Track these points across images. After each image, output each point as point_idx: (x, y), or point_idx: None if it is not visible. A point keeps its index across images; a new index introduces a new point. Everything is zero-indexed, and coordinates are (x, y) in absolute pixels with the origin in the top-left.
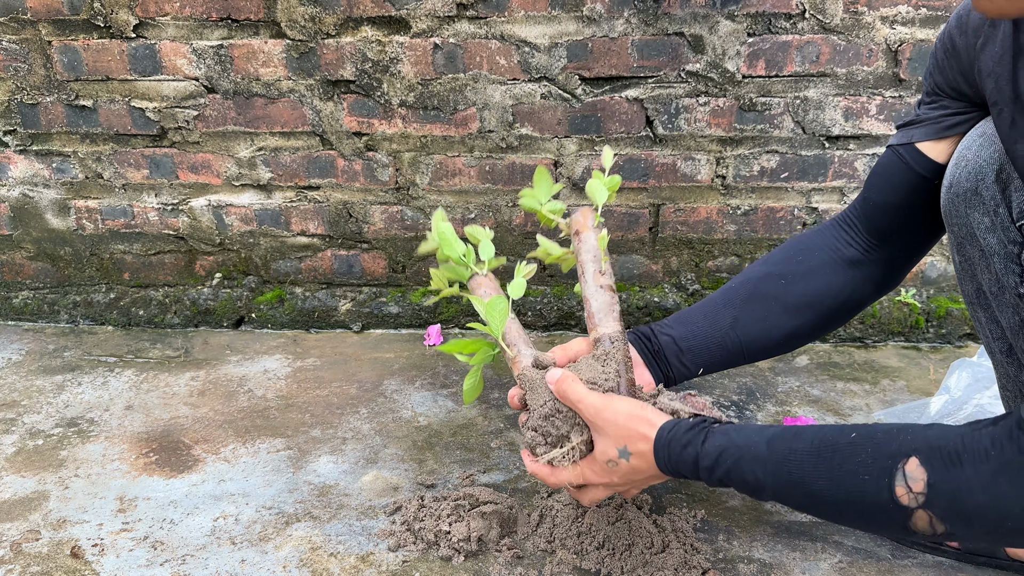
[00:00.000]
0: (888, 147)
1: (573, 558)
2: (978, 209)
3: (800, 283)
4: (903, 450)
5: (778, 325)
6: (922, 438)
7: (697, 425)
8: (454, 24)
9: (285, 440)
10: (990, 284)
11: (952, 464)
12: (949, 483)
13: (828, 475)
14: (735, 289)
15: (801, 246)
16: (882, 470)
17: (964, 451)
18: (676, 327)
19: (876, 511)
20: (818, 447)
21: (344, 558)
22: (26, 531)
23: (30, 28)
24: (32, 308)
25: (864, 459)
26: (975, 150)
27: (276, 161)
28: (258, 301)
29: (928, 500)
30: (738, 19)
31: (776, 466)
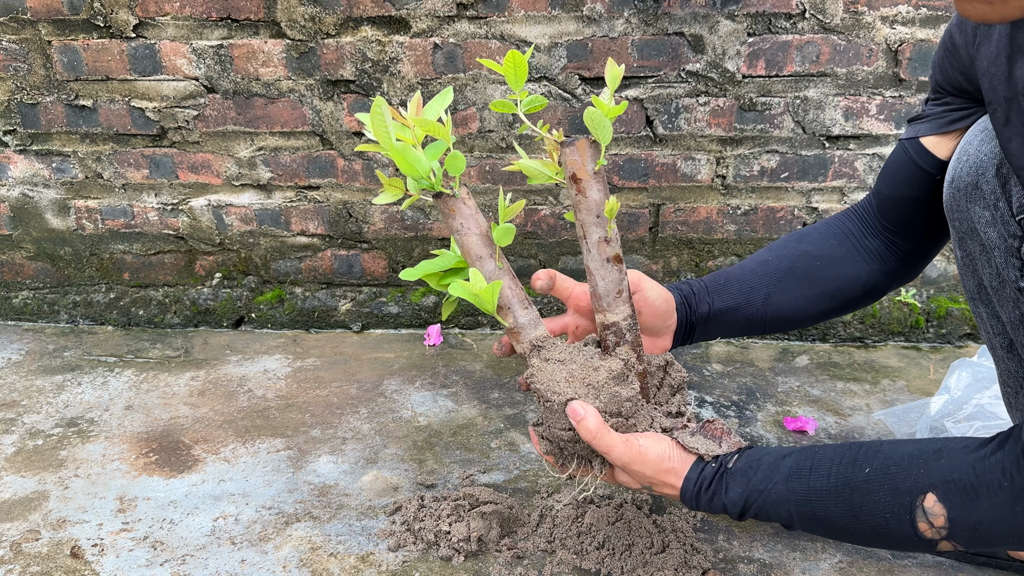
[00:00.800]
0: (899, 141)
1: (573, 558)
2: (979, 203)
3: (835, 268)
4: (919, 486)
5: (807, 307)
6: (936, 472)
7: (718, 473)
8: (454, 24)
9: (285, 440)
10: (991, 279)
11: (969, 498)
12: (969, 517)
13: (850, 513)
14: (773, 263)
15: (835, 230)
16: (902, 507)
17: (978, 483)
18: (715, 298)
19: (902, 542)
20: (836, 486)
21: (344, 558)
22: (26, 531)
23: (30, 28)
24: (32, 308)
25: (882, 497)
26: (976, 145)
27: (276, 161)
28: (258, 301)
29: (951, 533)
30: (738, 19)
31: (799, 507)
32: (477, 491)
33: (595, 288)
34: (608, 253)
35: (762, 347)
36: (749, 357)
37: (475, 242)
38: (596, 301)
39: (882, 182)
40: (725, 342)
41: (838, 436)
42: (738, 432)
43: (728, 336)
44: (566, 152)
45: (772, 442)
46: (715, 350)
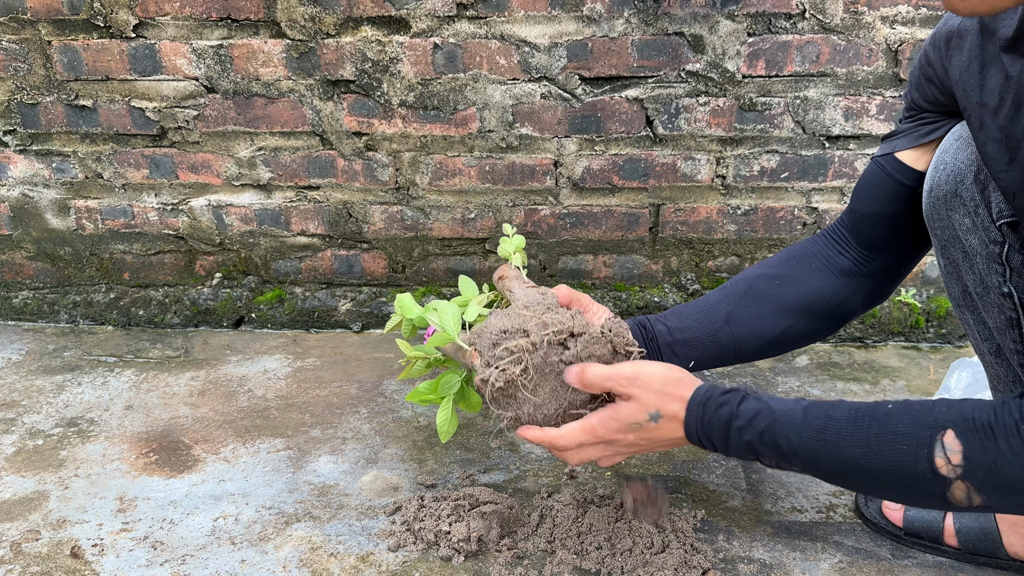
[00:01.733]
0: (872, 159)
1: (573, 558)
2: (959, 211)
3: (794, 285)
4: (940, 422)
5: (771, 324)
6: (957, 411)
7: (733, 390)
8: (454, 24)
9: (285, 440)
10: (975, 285)
11: (987, 437)
12: (985, 456)
13: (865, 442)
14: (730, 287)
15: (796, 252)
16: (921, 440)
17: (996, 424)
18: (671, 318)
19: (914, 481)
20: (855, 415)
21: (344, 558)
22: (26, 531)
23: (30, 28)
24: (32, 308)
25: (902, 429)
26: (952, 153)
27: (276, 161)
28: (258, 301)
29: (966, 471)
30: (738, 19)
31: (812, 431)
32: (477, 491)
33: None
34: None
35: None
36: None
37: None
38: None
39: (857, 201)
40: None
41: None
42: None
43: (706, 363)
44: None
45: None
46: None
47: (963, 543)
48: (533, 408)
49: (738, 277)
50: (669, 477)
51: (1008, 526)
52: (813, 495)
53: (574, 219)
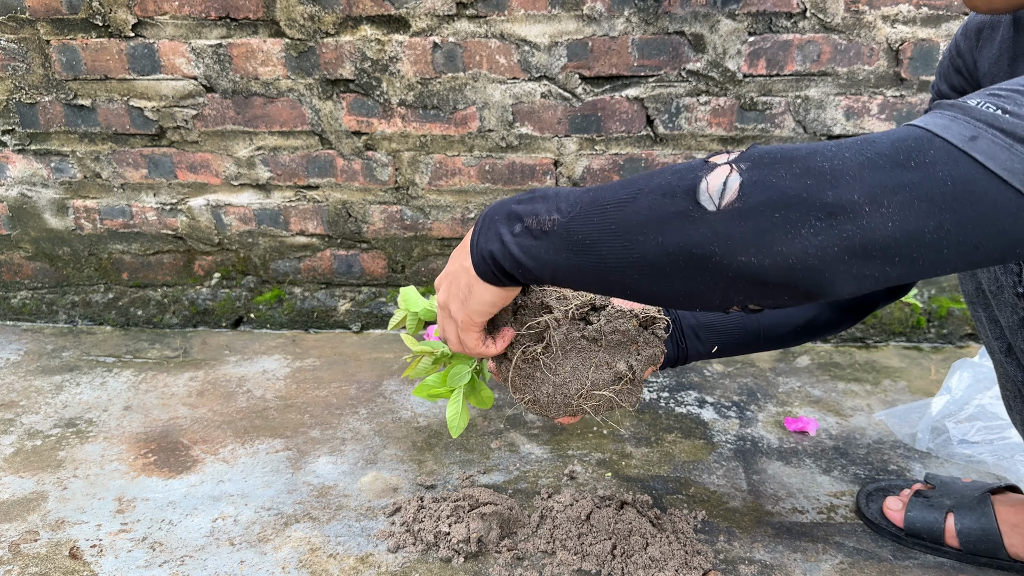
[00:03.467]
0: None
1: (573, 559)
2: None
3: None
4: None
5: (798, 312)
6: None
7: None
8: (454, 23)
9: (284, 441)
10: (989, 283)
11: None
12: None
13: (632, 198)
14: None
15: None
16: (688, 168)
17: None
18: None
19: (671, 203)
20: (615, 184)
21: (343, 559)
22: (24, 532)
23: (29, 27)
24: (30, 308)
25: (667, 171)
26: None
27: (275, 160)
28: (257, 301)
29: (738, 157)
30: (739, 18)
31: (576, 203)
32: (477, 492)
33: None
34: None
35: None
36: (750, 357)
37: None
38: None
39: None
40: None
41: (839, 436)
42: (739, 432)
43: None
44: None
45: (773, 443)
46: None
47: (964, 544)
48: (553, 388)
49: None
50: (669, 478)
51: (1010, 527)
52: (814, 496)
53: None
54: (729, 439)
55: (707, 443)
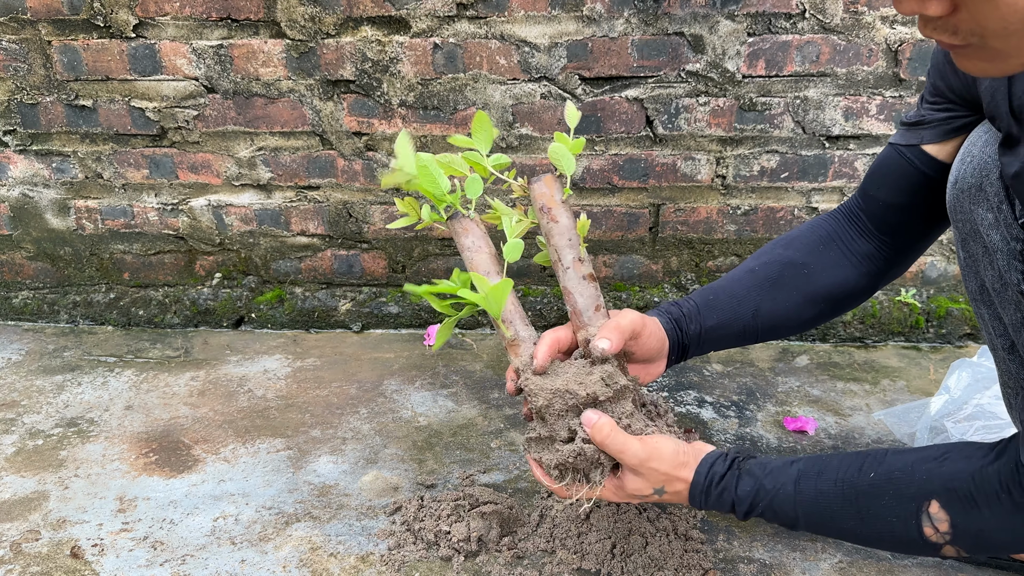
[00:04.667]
0: (891, 145)
1: (573, 558)
2: (982, 205)
3: (822, 276)
4: (923, 492)
5: (795, 314)
6: (938, 479)
7: (730, 471)
8: (454, 24)
9: (285, 440)
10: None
11: (970, 507)
12: (971, 524)
13: (857, 516)
14: (760, 273)
15: (822, 235)
16: (908, 513)
17: (978, 493)
18: (706, 316)
19: (907, 545)
20: (843, 490)
21: (344, 558)
22: (26, 531)
23: (30, 28)
24: (32, 308)
25: (888, 502)
26: (980, 146)
27: (276, 161)
28: (258, 301)
29: (954, 538)
30: (738, 19)
31: (806, 507)
32: (477, 491)
33: (575, 306)
34: (583, 272)
35: (762, 347)
36: (749, 357)
37: (485, 259)
38: (576, 319)
39: (878, 188)
40: None
41: (838, 436)
42: (738, 432)
43: (721, 349)
44: (535, 187)
45: (772, 442)
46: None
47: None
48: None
49: (765, 259)
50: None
51: None
52: None
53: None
54: (728, 439)
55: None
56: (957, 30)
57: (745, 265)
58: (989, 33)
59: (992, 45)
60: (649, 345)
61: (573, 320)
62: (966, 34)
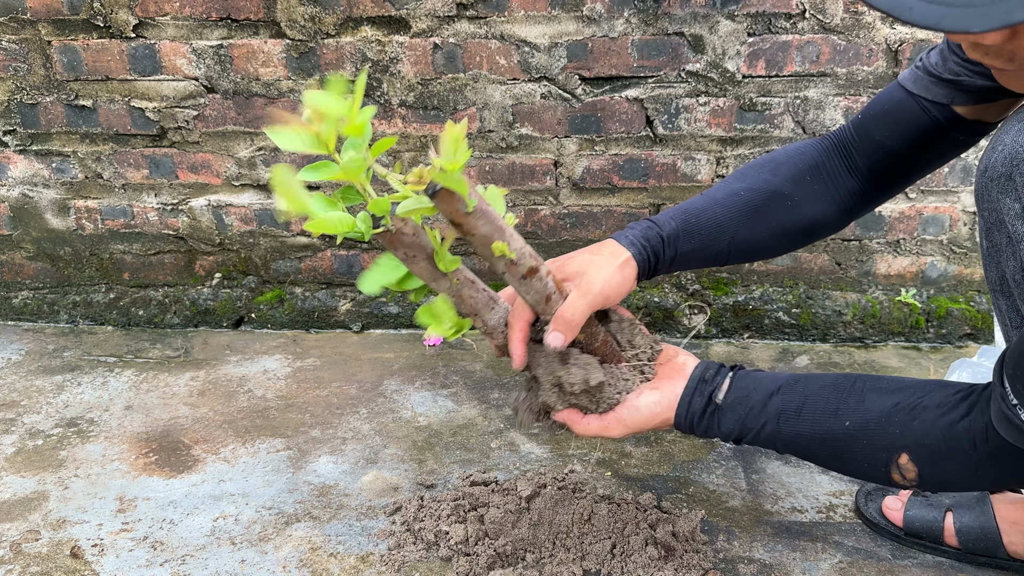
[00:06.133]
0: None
1: (574, 558)
2: (1010, 195)
3: (803, 208)
4: (894, 445)
5: (769, 244)
6: (910, 434)
7: (706, 412)
8: (454, 24)
9: (285, 440)
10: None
11: (937, 460)
12: (937, 475)
13: (833, 457)
14: (744, 198)
15: (811, 163)
16: (879, 461)
17: (946, 449)
18: (683, 240)
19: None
20: (820, 436)
21: (344, 558)
22: (26, 531)
23: (30, 28)
24: (32, 308)
25: (861, 451)
26: (1013, 135)
27: (276, 161)
28: (258, 301)
29: (919, 484)
30: (738, 19)
31: (789, 446)
32: (477, 491)
33: (528, 304)
34: (520, 272)
35: (762, 347)
36: (749, 357)
37: (424, 267)
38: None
39: (884, 132)
40: (724, 343)
41: None
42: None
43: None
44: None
45: None
46: (714, 351)
47: (963, 543)
48: None
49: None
50: (669, 477)
51: (1008, 525)
52: (813, 495)
53: (574, 219)
54: None
55: (706, 442)
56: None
57: (729, 185)
58: None
59: None
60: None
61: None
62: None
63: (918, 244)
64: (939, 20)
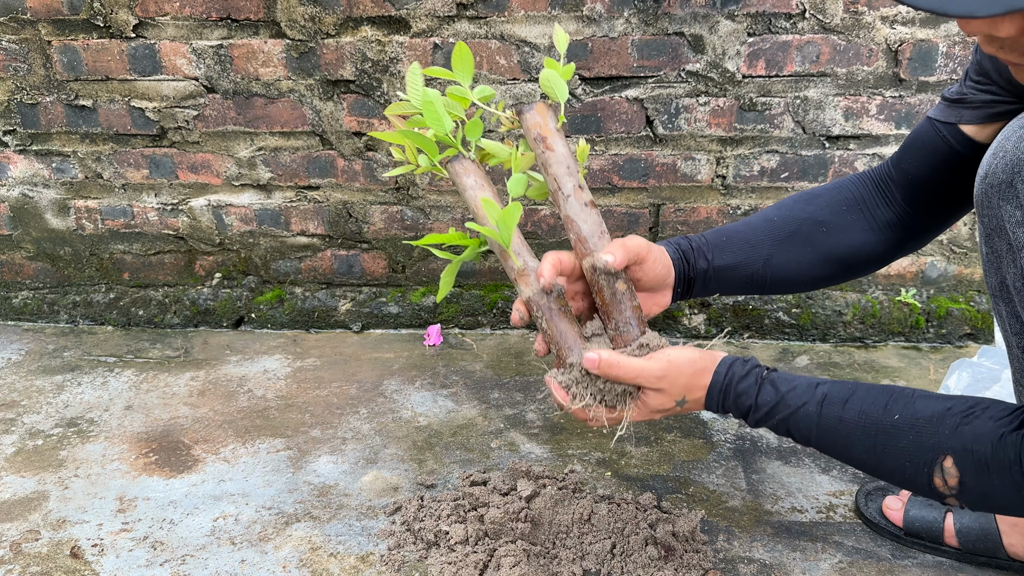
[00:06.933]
0: (928, 119)
1: (574, 558)
2: (1011, 202)
3: (840, 235)
4: (942, 446)
5: (807, 271)
6: (959, 437)
7: (750, 374)
8: (454, 24)
9: (285, 440)
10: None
11: (982, 470)
12: (979, 486)
13: (871, 451)
14: (778, 224)
15: (847, 196)
16: (923, 462)
17: (992, 460)
18: (715, 254)
19: (913, 486)
20: (864, 424)
21: (344, 558)
22: (26, 531)
23: (30, 28)
24: (32, 308)
25: (906, 446)
26: (1014, 142)
27: (276, 161)
28: (258, 301)
29: (960, 493)
30: (738, 19)
31: (824, 431)
32: (477, 491)
33: (579, 233)
34: (584, 199)
35: (762, 347)
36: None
37: (489, 197)
38: (581, 245)
39: (911, 162)
40: (725, 342)
41: None
42: (738, 431)
43: (727, 294)
44: (527, 117)
45: (772, 442)
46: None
47: (963, 543)
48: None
49: (786, 211)
50: (669, 477)
51: (1008, 526)
52: (813, 495)
53: None
54: (728, 438)
55: (706, 442)
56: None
57: (764, 213)
58: None
59: None
60: (655, 272)
61: (577, 248)
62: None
63: None
64: (944, 4)
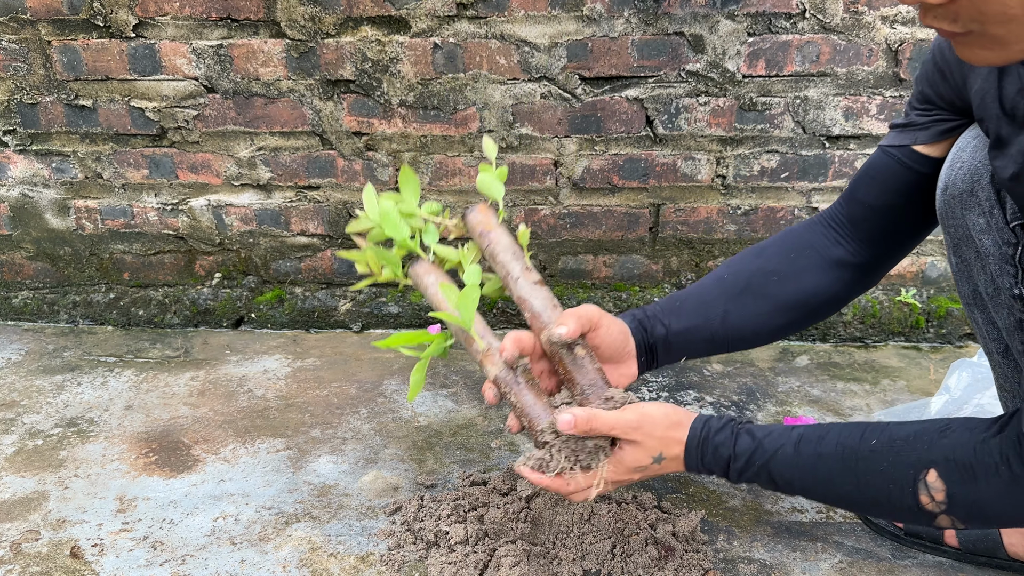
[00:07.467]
0: (881, 148)
1: (574, 558)
2: (974, 210)
3: (792, 282)
4: (923, 460)
5: (767, 322)
6: (939, 449)
7: (726, 427)
8: (454, 24)
9: (285, 440)
10: (986, 285)
11: (968, 478)
12: (967, 495)
13: (855, 481)
14: (728, 281)
15: (793, 243)
16: (905, 479)
17: (977, 465)
18: (670, 317)
19: (902, 512)
20: (843, 454)
21: (344, 558)
22: (26, 531)
23: (30, 28)
24: (32, 308)
25: (886, 468)
26: (970, 152)
27: (276, 161)
28: (258, 301)
29: (949, 507)
30: (738, 19)
31: (804, 470)
32: (477, 491)
33: (532, 310)
34: (533, 279)
35: (762, 347)
36: (749, 357)
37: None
38: (536, 321)
39: (865, 192)
40: None
41: None
42: None
43: (693, 357)
44: (471, 218)
45: None
46: None
47: (963, 543)
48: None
49: (735, 267)
50: (668, 477)
51: None
52: None
53: (574, 219)
54: None
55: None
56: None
57: (715, 273)
58: (989, 19)
59: (992, 32)
60: (611, 337)
61: (533, 324)
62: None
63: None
64: None
